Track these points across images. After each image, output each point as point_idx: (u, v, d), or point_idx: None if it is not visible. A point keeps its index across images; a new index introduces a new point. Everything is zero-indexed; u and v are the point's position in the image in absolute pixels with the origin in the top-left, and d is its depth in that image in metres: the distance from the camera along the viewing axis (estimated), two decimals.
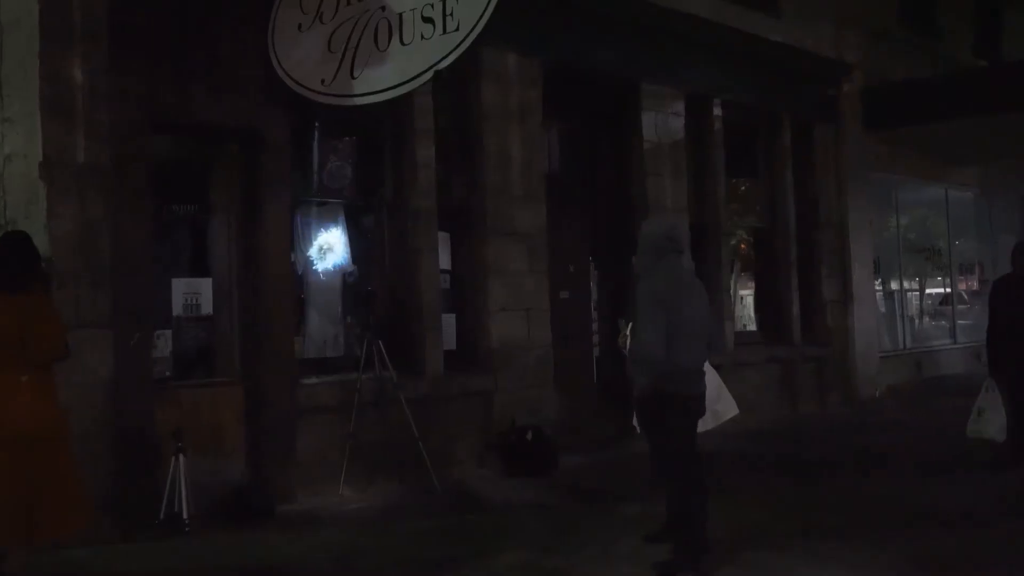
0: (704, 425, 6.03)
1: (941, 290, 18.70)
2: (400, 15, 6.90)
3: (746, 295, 14.14)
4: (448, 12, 6.60)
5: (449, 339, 8.99)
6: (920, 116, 14.15)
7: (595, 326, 10.74)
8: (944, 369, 16.74)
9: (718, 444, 6.40)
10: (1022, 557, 5.72)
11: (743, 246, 14.23)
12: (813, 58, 13.23)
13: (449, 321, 9.04)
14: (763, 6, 12.64)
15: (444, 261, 9.08)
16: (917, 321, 17.75)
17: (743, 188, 14.38)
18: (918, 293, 18.12)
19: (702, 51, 11.33)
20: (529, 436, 8.74)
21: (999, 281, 9.02)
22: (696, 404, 5.60)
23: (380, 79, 7.04)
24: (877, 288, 15.56)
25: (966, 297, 19.33)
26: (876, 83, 14.29)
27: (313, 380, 7.98)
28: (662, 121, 11.14)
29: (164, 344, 7.26)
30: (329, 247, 8.68)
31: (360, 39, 7.11)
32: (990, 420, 8.52)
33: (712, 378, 6.09)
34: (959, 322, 18.38)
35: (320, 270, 8.64)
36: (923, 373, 16.10)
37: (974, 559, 5.73)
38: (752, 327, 13.45)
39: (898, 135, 14.58)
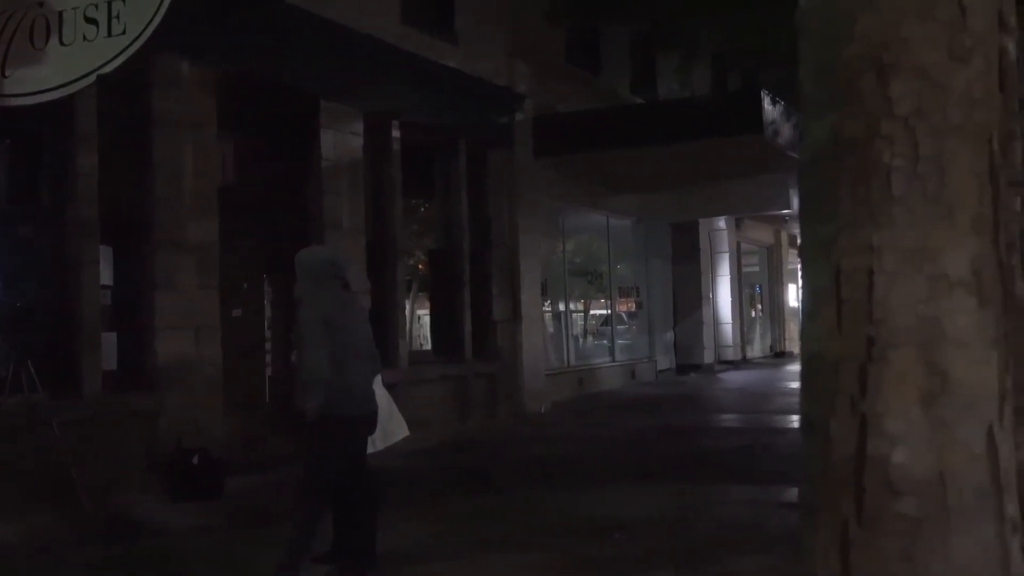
0: (374, 446, 6.09)
1: (603, 311, 19.98)
2: (60, 13, 6.50)
3: (423, 314, 14.44)
4: (114, 14, 6.30)
5: (111, 358, 8.51)
6: (582, 146, 15.12)
7: (268, 344, 10.56)
8: (603, 385, 17.91)
9: (392, 460, 6.49)
10: (677, 557, 6.20)
11: (421, 266, 14.52)
12: (488, 85, 13.75)
13: (111, 339, 8.56)
14: (442, 33, 13.01)
15: (106, 275, 8.59)
16: (581, 340, 18.83)
17: (422, 209, 14.70)
18: (582, 314, 19.27)
19: (382, 72, 11.47)
20: (195, 458, 8.43)
21: None
22: (365, 424, 5.65)
23: (36, 80, 6.60)
24: (545, 308, 16.37)
25: (625, 318, 20.76)
26: (545, 113, 15.08)
27: None
28: (341, 139, 11.16)
29: None
30: None
31: (14, 36, 6.63)
32: None
33: (383, 398, 6.16)
34: (618, 341, 19.73)
35: None
36: (585, 389, 17.12)
37: (633, 564, 6.13)
38: (428, 346, 13.73)
39: (565, 163, 15.46)
